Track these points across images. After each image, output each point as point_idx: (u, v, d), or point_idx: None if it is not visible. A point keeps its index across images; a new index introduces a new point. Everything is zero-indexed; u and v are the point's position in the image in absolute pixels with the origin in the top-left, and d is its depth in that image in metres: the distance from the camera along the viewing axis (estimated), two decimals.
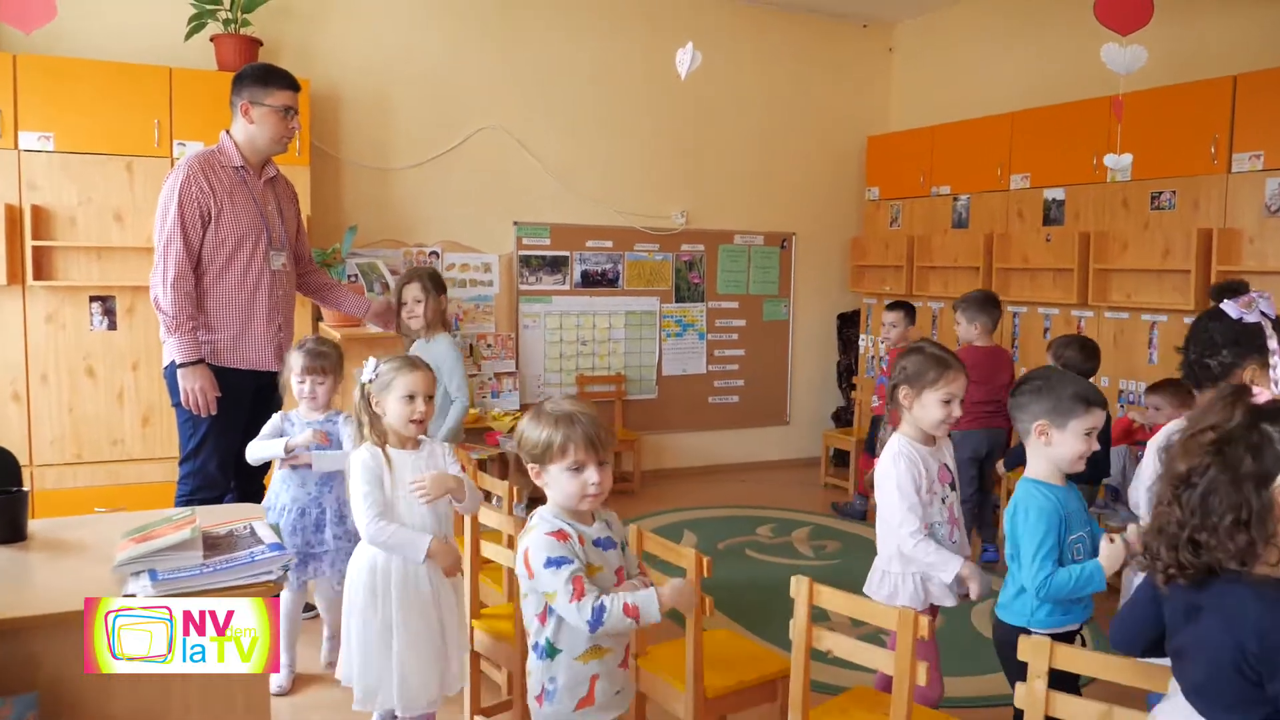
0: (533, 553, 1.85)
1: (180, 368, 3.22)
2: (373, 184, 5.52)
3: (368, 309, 3.97)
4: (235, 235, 3.31)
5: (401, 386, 2.43)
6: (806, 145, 6.76)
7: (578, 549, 1.86)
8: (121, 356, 4.61)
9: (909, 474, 2.49)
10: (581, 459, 1.85)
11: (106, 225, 4.52)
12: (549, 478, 1.89)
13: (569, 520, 1.91)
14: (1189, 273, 4.43)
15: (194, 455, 3.35)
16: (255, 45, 4.91)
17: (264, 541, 1.84)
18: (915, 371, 2.51)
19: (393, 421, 2.45)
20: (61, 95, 4.42)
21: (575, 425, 1.86)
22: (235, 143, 3.40)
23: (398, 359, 2.51)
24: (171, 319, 3.20)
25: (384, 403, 2.44)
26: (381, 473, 2.39)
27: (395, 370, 2.45)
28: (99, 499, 4.54)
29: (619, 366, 6.27)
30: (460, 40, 5.67)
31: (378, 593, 2.40)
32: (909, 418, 2.57)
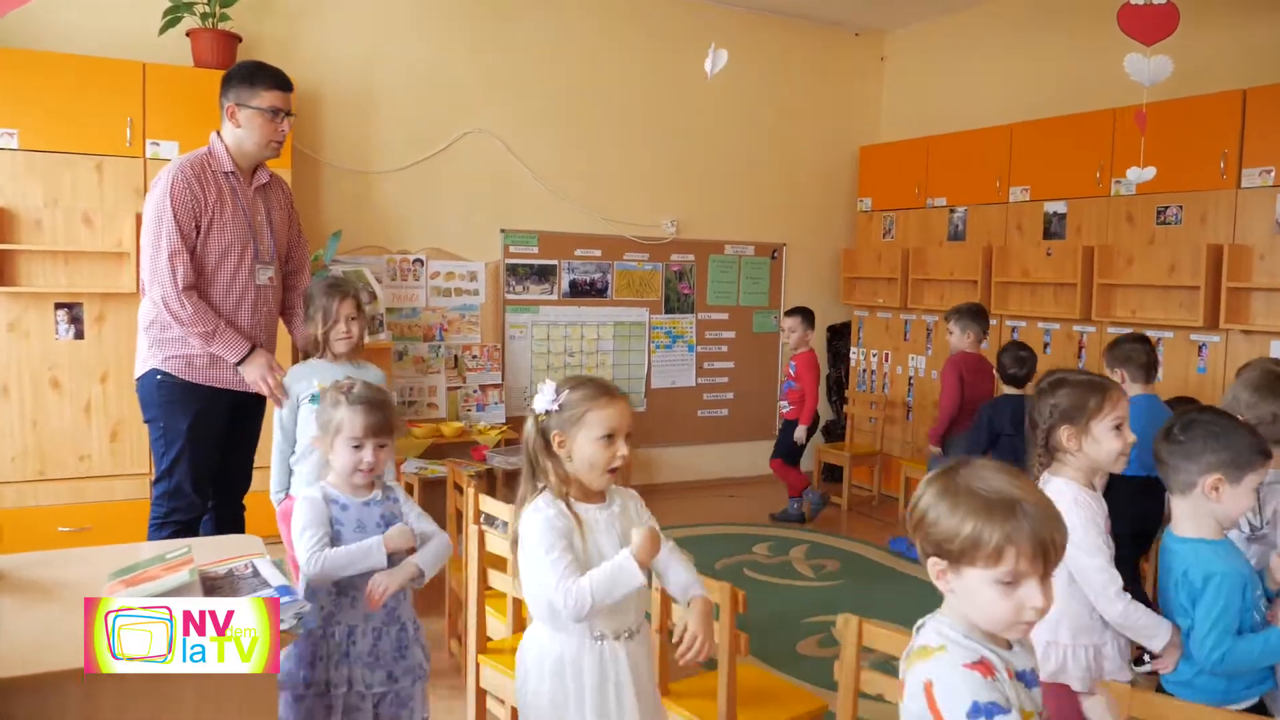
0: (952, 699, 1.29)
1: (240, 364, 3.09)
2: (355, 188, 5.31)
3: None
4: (220, 247, 3.09)
5: (598, 422, 1.85)
6: (798, 154, 6.65)
7: (1007, 689, 1.32)
8: (89, 367, 4.35)
9: (1095, 525, 2.10)
10: (1023, 570, 1.29)
11: (74, 228, 4.28)
12: (962, 584, 1.35)
13: (988, 645, 1.36)
14: (1198, 289, 4.35)
15: (168, 474, 3.12)
16: (234, 41, 4.69)
17: (270, 584, 1.65)
18: (1073, 405, 2.14)
19: (582, 469, 1.88)
20: (27, 90, 4.17)
21: (1022, 520, 1.30)
22: (225, 146, 3.18)
23: (585, 383, 1.91)
24: (204, 329, 3.02)
25: (571, 442, 1.88)
26: (572, 534, 1.84)
27: (588, 400, 1.87)
28: (64, 518, 4.29)
29: (607, 378, 6.08)
30: (447, 40, 5.48)
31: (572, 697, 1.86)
32: (1074, 460, 2.16)
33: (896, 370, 6.26)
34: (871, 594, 4.33)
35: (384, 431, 2.17)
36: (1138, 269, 4.66)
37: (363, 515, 2.18)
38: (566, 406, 1.87)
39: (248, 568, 1.76)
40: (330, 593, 2.08)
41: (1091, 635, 2.11)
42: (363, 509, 2.18)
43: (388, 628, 2.14)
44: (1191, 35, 4.59)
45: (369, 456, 2.15)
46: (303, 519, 2.09)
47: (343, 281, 3.22)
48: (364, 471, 2.15)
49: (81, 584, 1.74)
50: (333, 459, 2.17)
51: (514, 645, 2.64)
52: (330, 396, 2.21)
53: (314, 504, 2.12)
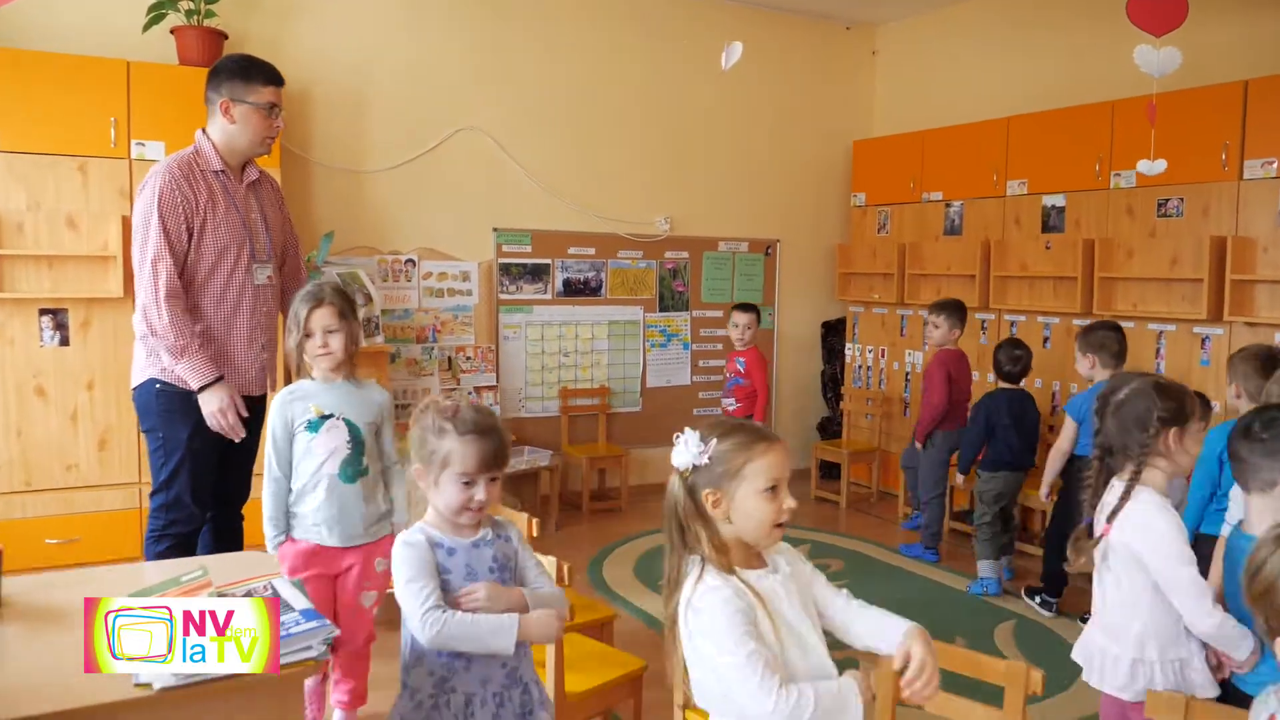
0: None
1: (201, 392, 2.92)
2: (345, 187, 5.20)
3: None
4: (215, 248, 2.99)
5: (760, 473, 1.57)
6: (791, 150, 6.59)
7: None
8: (75, 374, 4.23)
9: (1181, 534, 2.01)
10: None
11: (58, 232, 4.15)
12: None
13: None
14: (1201, 281, 4.33)
15: (167, 486, 3.02)
16: (220, 38, 4.57)
17: (294, 607, 1.57)
18: (1180, 409, 2.10)
19: (747, 528, 1.59)
20: (7, 90, 4.04)
21: None
22: (213, 144, 3.08)
23: (735, 429, 1.62)
24: (175, 343, 2.87)
25: (729, 499, 1.57)
26: (755, 614, 1.53)
27: (744, 448, 1.58)
28: (52, 530, 4.17)
29: (602, 378, 6.02)
30: (438, 37, 5.38)
31: None
32: (1166, 466, 2.11)
33: (893, 366, 6.23)
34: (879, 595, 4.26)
35: (498, 463, 1.86)
36: (1139, 262, 4.64)
37: (472, 559, 1.87)
38: (719, 459, 1.58)
39: (266, 589, 1.68)
40: (444, 653, 1.82)
41: (1178, 649, 2.05)
42: (472, 551, 1.87)
43: (509, 691, 1.87)
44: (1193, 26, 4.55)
45: (481, 494, 1.83)
46: (409, 568, 1.79)
47: (318, 288, 2.71)
48: (474, 510, 1.84)
49: None
50: (436, 497, 1.87)
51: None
52: (432, 422, 1.86)
53: (418, 550, 1.81)
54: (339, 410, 2.67)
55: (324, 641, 1.46)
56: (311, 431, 2.65)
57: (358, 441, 2.68)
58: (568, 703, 2.35)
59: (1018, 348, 4.50)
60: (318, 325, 2.63)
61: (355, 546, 2.72)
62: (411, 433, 1.89)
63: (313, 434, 2.65)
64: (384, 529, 2.78)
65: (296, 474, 2.68)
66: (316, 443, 2.64)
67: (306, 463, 2.66)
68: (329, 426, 2.66)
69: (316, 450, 2.65)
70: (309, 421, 2.65)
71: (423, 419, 1.89)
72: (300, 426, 2.65)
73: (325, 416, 2.65)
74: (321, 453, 2.65)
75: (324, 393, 2.69)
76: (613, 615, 3.01)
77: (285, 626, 1.49)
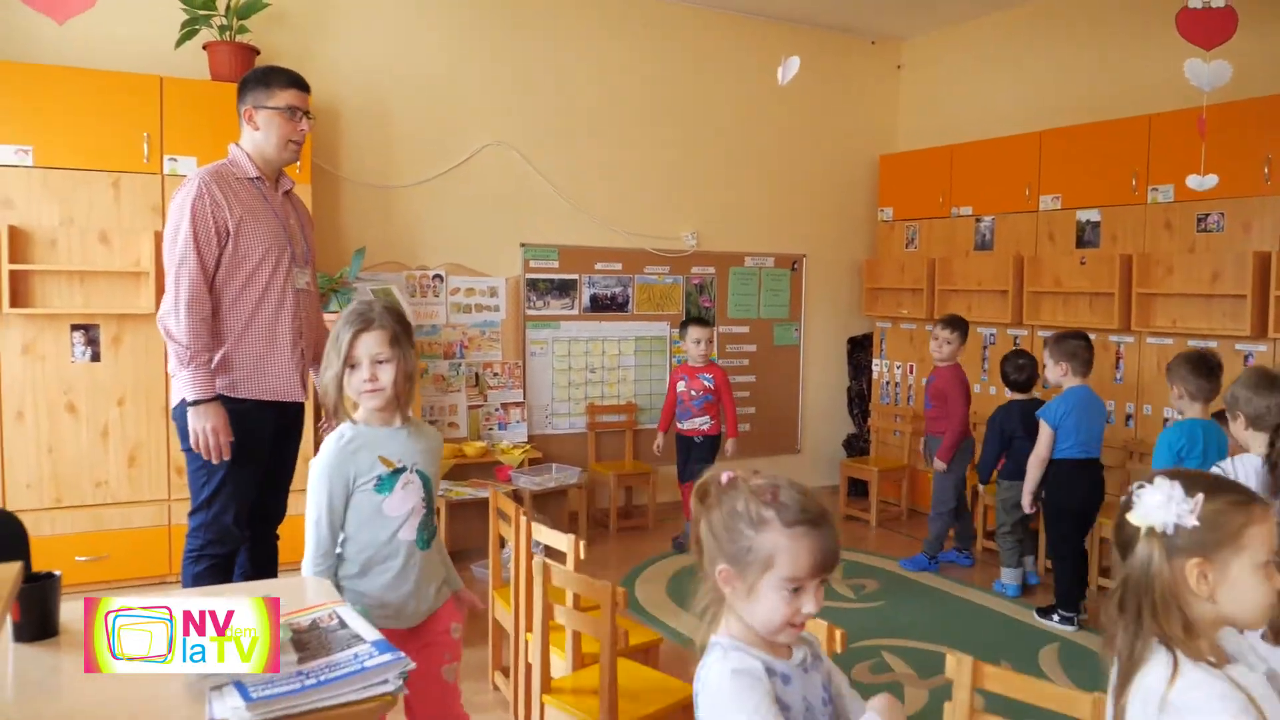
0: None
1: (191, 406, 2.84)
2: (374, 203, 5.18)
3: None
4: (258, 251, 2.95)
5: (1263, 542, 1.33)
6: (816, 164, 6.56)
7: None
8: (106, 391, 4.21)
9: None
10: None
11: (90, 247, 4.14)
12: None
13: None
14: (1244, 297, 4.26)
15: (207, 505, 2.97)
16: (251, 54, 4.56)
17: (365, 639, 1.52)
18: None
19: (1240, 609, 1.33)
20: (42, 105, 4.04)
21: None
22: (247, 154, 3.05)
23: (1224, 483, 1.38)
24: (185, 349, 2.82)
25: (1220, 572, 1.32)
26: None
27: (1241, 508, 1.34)
28: (81, 547, 4.14)
29: (629, 395, 5.98)
30: (465, 53, 5.37)
31: None
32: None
33: (921, 382, 6.16)
34: (917, 615, 4.21)
35: (834, 563, 1.40)
36: (1178, 278, 4.58)
37: (807, 689, 1.43)
38: (1210, 521, 1.29)
39: (332, 618, 1.62)
40: None
41: None
42: (804, 679, 1.43)
43: None
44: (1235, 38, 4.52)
45: (811, 605, 1.37)
46: (749, 700, 1.33)
47: (366, 307, 2.17)
48: (798, 626, 1.39)
49: None
50: (750, 607, 1.38)
51: (575, 684, 2.53)
52: (747, 509, 1.38)
53: (757, 682, 1.35)
54: (410, 460, 2.16)
55: (400, 675, 1.41)
56: (383, 491, 2.11)
57: (430, 497, 2.21)
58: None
59: (1021, 357, 4.62)
60: (365, 353, 2.10)
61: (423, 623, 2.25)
62: (710, 521, 1.41)
63: (384, 494, 2.11)
64: (445, 593, 2.31)
65: (357, 543, 2.13)
66: (390, 504, 2.12)
67: (374, 529, 2.12)
68: (404, 482, 2.14)
69: (390, 513, 2.13)
70: (379, 478, 2.11)
71: (729, 502, 1.40)
72: (366, 485, 2.11)
73: (398, 470, 2.13)
74: (396, 516, 2.14)
75: (389, 440, 2.15)
76: (658, 639, 2.95)
77: (359, 660, 1.43)
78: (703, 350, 5.13)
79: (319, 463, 2.10)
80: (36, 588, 1.63)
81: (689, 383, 5.16)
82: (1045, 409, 4.17)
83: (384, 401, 2.12)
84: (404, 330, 2.16)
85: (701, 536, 1.42)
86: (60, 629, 1.68)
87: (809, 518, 1.37)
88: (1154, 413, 4.75)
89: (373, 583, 2.13)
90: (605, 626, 2.28)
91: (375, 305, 2.17)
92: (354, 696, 1.37)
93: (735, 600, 1.40)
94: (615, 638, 2.28)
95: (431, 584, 2.23)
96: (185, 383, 2.84)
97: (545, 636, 2.52)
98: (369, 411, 2.14)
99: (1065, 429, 4.07)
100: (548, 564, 2.51)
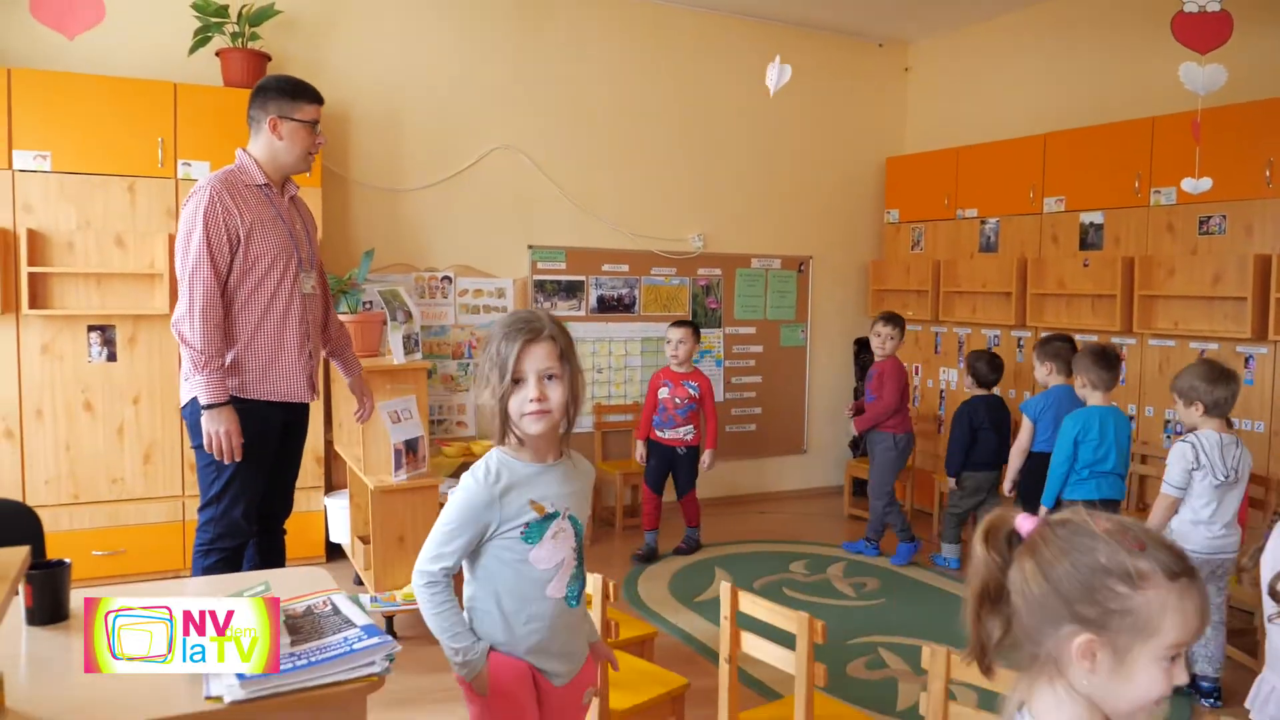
0: None
1: (205, 409, 2.94)
2: (383, 206, 5.27)
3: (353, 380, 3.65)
4: (267, 256, 3.05)
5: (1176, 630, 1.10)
6: (823, 166, 6.60)
7: None
8: (121, 390, 4.32)
9: None
10: None
11: (107, 250, 4.25)
12: None
13: None
14: (1245, 300, 4.28)
15: (217, 500, 3.07)
16: (263, 60, 4.66)
17: (355, 623, 1.59)
18: None
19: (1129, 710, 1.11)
20: (59, 112, 4.15)
21: None
22: (256, 160, 3.14)
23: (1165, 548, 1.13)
24: (199, 353, 2.92)
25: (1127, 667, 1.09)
26: None
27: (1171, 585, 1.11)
28: (98, 542, 4.25)
29: (636, 395, 6.04)
30: (473, 57, 5.45)
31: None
32: None
33: (927, 384, 6.19)
34: (915, 613, 4.25)
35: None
36: (1180, 280, 4.60)
37: None
38: (1128, 608, 1.07)
39: (326, 604, 1.70)
40: None
41: None
42: None
43: None
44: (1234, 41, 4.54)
45: (1184, 676, 1.13)
46: None
47: (532, 315, 1.83)
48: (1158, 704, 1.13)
49: None
50: (1117, 684, 1.09)
51: None
52: (1113, 562, 1.09)
53: None
54: (563, 504, 1.84)
55: (387, 657, 1.48)
56: (530, 541, 1.79)
57: (580, 546, 1.89)
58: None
59: (996, 358, 5.00)
60: (531, 368, 1.76)
61: None
62: (1061, 571, 1.10)
63: (531, 544, 1.79)
64: (585, 649, 1.98)
65: (493, 597, 1.81)
66: (537, 555, 1.80)
67: (516, 583, 1.80)
68: (555, 531, 1.82)
69: (537, 566, 1.80)
70: (529, 525, 1.79)
71: (1082, 554, 1.10)
72: (512, 531, 1.78)
73: (549, 516, 1.81)
74: (545, 569, 1.81)
75: (542, 479, 1.82)
76: (654, 633, 3.02)
77: (348, 643, 1.51)
78: (683, 354, 4.93)
79: (460, 500, 1.79)
80: (48, 574, 1.71)
81: (673, 389, 4.97)
82: (1027, 404, 4.47)
83: (549, 426, 1.78)
84: (570, 344, 1.84)
85: (1026, 595, 1.11)
86: (70, 614, 1.76)
87: (1188, 567, 1.10)
88: (1156, 415, 4.78)
89: (512, 644, 1.81)
90: (595, 617, 2.34)
91: (540, 313, 1.83)
92: (341, 677, 1.44)
93: (1088, 677, 1.09)
94: (605, 628, 2.35)
95: (577, 642, 1.91)
96: (199, 386, 2.93)
97: None
98: (532, 437, 1.79)
99: (1044, 423, 4.35)
100: None
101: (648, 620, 4.10)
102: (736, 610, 2.27)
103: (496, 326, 1.83)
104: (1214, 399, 3.33)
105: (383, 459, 3.97)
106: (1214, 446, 3.33)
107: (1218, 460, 3.32)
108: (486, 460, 1.83)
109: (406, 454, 3.93)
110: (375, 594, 3.87)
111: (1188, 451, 3.36)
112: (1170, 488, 3.37)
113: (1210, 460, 3.32)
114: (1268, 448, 4.28)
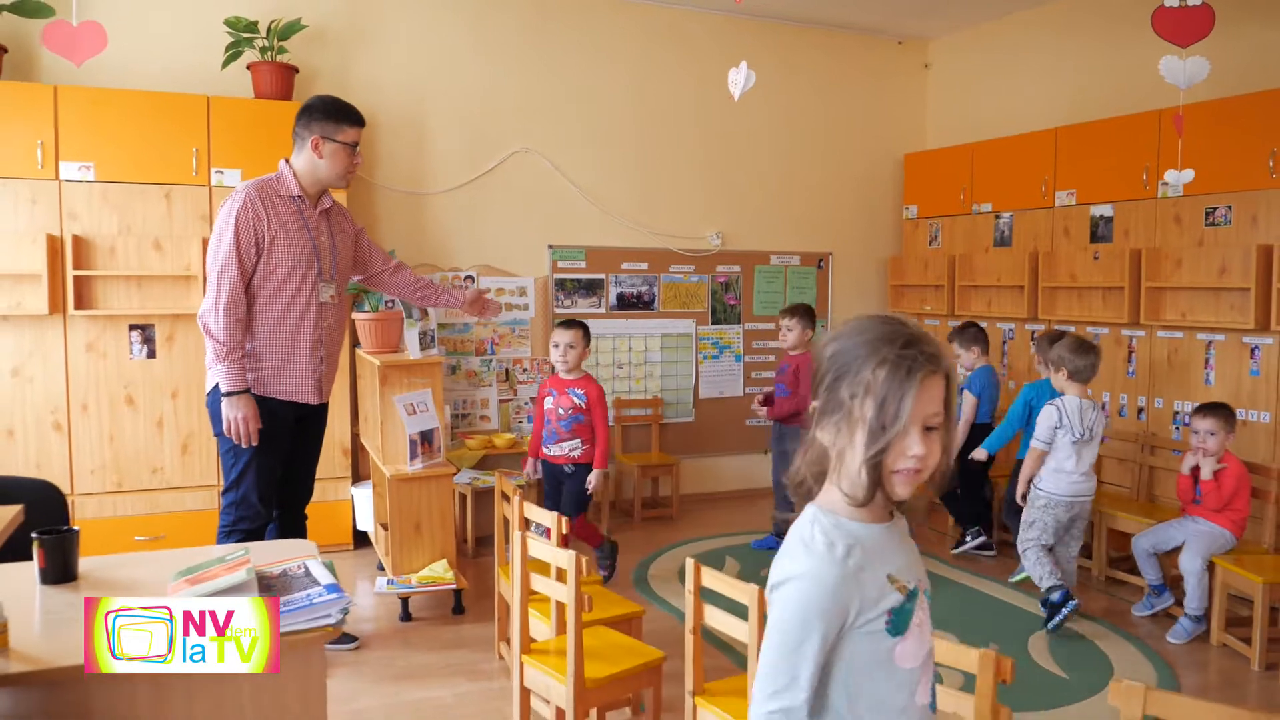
0: None
1: (225, 396, 3.18)
2: (408, 209, 5.50)
3: (464, 300, 3.99)
4: (287, 264, 3.28)
5: None
6: (842, 163, 6.68)
7: None
8: (160, 385, 4.60)
9: None
10: None
11: (146, 254, 4.53)
12: None
13: None
14: (1249, 290, 4.29)
15: (235, 485, 3.31)
16: (291, 73, 4.91)
17: (320, 582, 1.78)
18: None
19: None
20: (101, 125, 4.44)
21: None
22: (295, 172, 3.37)
23: None
24: (221, 345, 3.16)
25: None
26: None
27: None
28: (139, 528, 4.53)
29: (655, 390, 6.19)
30: (495, 64, 5.65)
31: None
32: None
33: None
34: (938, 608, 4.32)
35: None
36: (1187, 271, 4.61)
37: None
38: None
39: (300, 568, 1.89)
40: None
41: None
42: None
43: None
44: (1237, 34, 4.55)
45: None
46: None
47: (923, 338, 1.28)
48: None
49: (151, 582, 1.90)
50: None
51: (552, 647, 2.76)
52: None
53: None
54: (914, 577, 1.35)
55: (341, 610, 1.66)
56: (897, 633, 1.29)
57: None
58: (586, 688, 2.52)
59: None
60: (920, 412, 1.25)
61: None
62: None
63: (897, 636, 1.29)
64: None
65: (847, 711, 1.30)
66: (904, 651, 1.31)
67: (879, 691, 1.30)
68: (920, 619, 1.33)
69: (903, 665, 1.31)
70: (894, 611, 1.29)
71: None
72: (874, 622, 1.28)
73: (911, 594, 1.32)
74: (911, 669, 1.32)
75: (888, 544, 1.33)
76: (640, 611, 3.16)
77: (309, 597, 1.69)
78: (572, 359, 4.25)
79: (794, 593, 1.26)
80: (57, 538, 1.93)
81: (556, 398, 4.29)
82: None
83: (909, 486, 1.28)
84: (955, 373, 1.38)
85: None
86: (80, 576, 1.98)
87: None
88: (1165, 405, 4.79)
89: None
90: (571, 592, 2.50)
91: (925, 331, 1.30)
92: (300, 626, 1.63)
93: None
94: (580, 602, 2.51)
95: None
96: (220, 375, 3.18)
97: (524, 603, 2.76)
98: (898, 499, 1.31)
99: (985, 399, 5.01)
100: (527, 537, 2.75)
101: (648, 601, 4.25)
102: (700, 585, 2.41)
103: (858, 340, 1.28)
104: (1075, 366, 4.02)
105: (400, 449, 4.18)
106: (1075, 409, 4.01)
107: (1076, 421, 4.00)
108: (814, 524, 1.31)
109: (422, 444, 4.13)
110: (392, 577, 4.09)
111: (1053, 413, 4.03)
112: (1038, 442, 4.07)
113: (1070, 421, 4.00)
114: (1274, 438, 4.28)
